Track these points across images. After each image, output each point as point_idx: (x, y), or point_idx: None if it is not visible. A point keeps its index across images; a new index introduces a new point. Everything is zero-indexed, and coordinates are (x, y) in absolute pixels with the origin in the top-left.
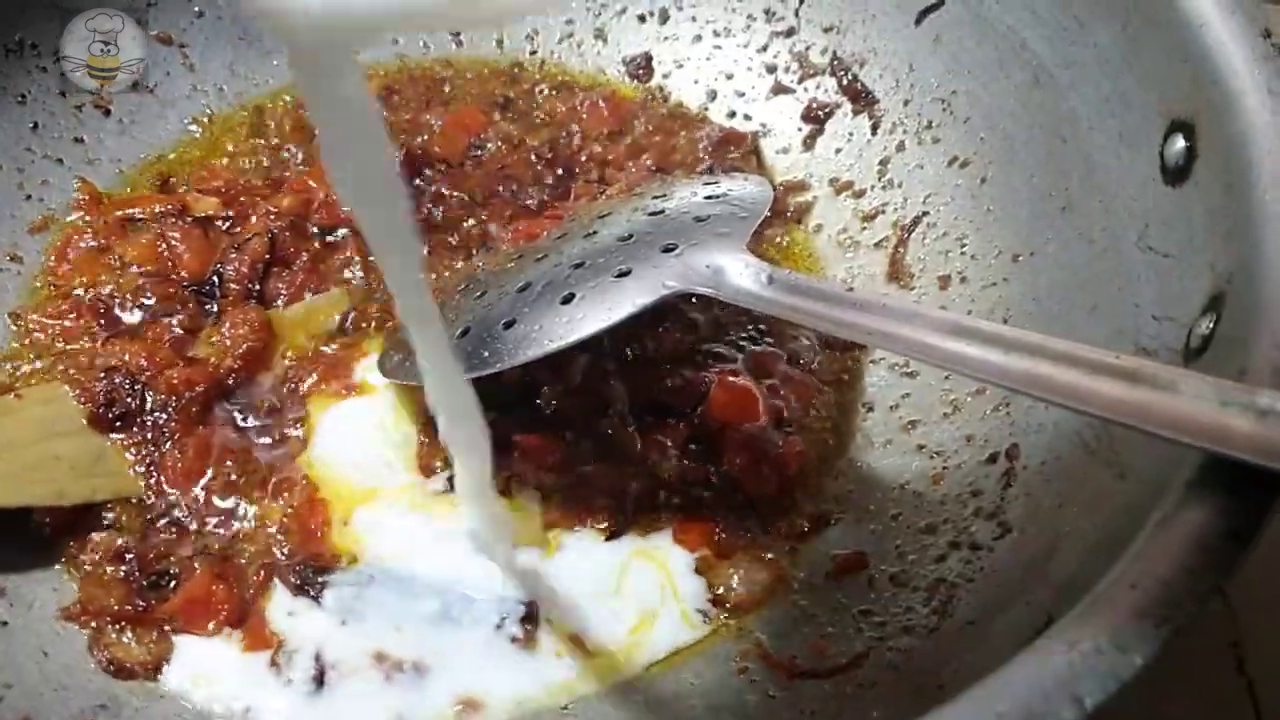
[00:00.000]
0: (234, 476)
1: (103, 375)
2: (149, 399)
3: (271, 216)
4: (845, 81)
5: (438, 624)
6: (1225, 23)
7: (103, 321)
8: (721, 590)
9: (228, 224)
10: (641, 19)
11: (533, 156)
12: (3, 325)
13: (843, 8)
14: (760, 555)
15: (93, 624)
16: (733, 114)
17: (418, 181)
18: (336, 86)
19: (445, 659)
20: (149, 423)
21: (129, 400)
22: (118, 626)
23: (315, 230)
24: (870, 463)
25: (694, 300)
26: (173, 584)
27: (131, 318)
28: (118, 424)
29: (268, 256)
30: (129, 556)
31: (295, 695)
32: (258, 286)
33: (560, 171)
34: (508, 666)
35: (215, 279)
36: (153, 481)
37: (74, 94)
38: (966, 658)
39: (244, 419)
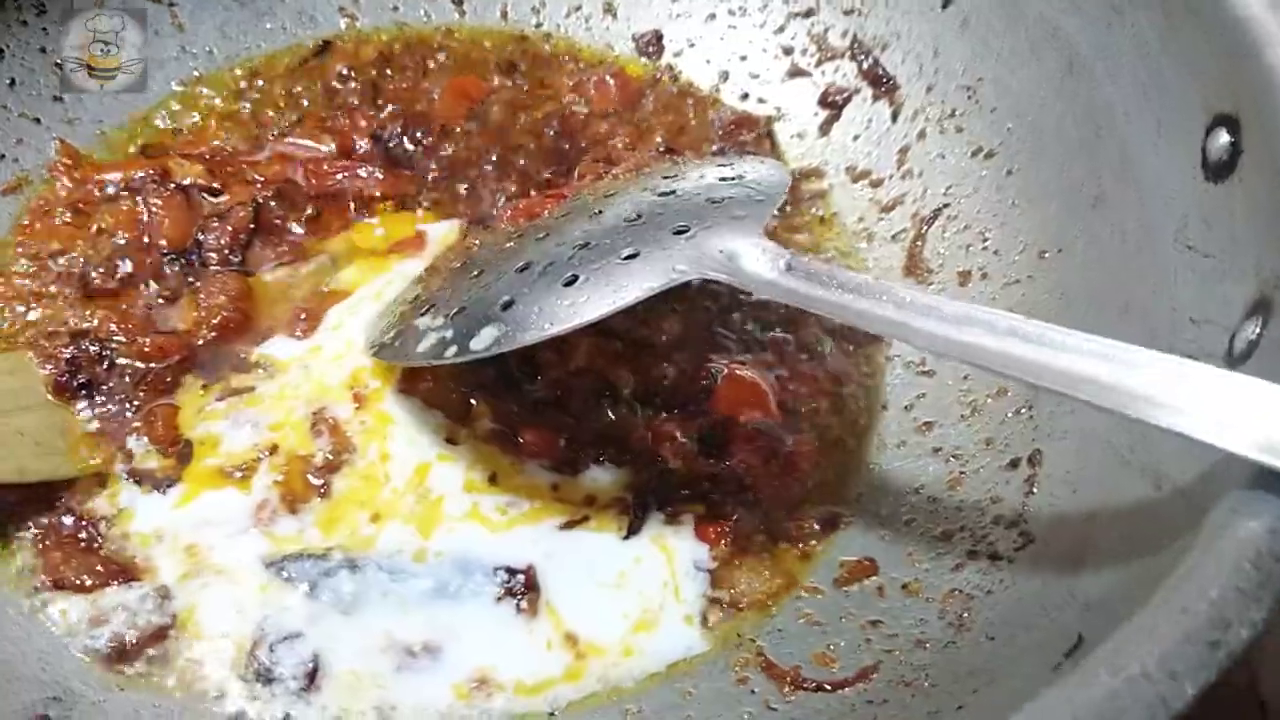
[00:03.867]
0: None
1: (69, 340)
2: (117, 365)
3: (257, 185)
4: (865, 66)
5: (436, 601)
6: (1273, 11)
7: (76, 287)
8: (727, 592)
9: (212, 191)
10: None
11: (542, 124)
12: None
13: None
14: (768, 557)
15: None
16: (746, 96)
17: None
18: None
19: (454, 636)
20: (115, 391)
21: (95, 367)
22: None
23: (304, 197)
24: (883, 464)
25: (704, 285)
26: None
27: (107, 285)
28: (82, 392)
29: (251, 226)
30: (84, 531)
31: (283, 694)
32: (239, 257)
33: (566, 145)
34: (514, 642)
35: (196, 247)
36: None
37: (55, 50)
38: (988, 677)
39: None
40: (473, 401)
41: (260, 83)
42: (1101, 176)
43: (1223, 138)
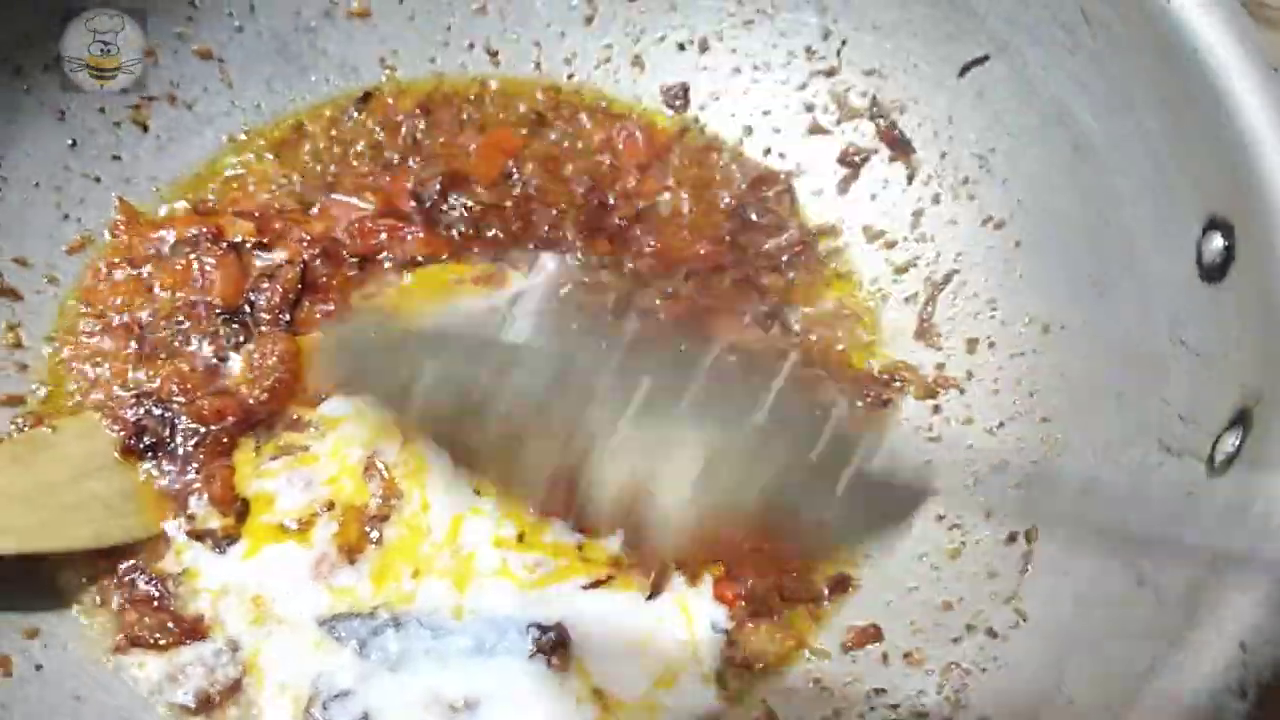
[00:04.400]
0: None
1: (134, 401)
2: (179, 427)
3: (304, 243)
4: (883, 127)
5: (474, 658)
6: (1275, 134)
7: (136, 346)
8: (742, 652)
9: (261, 249)
10: (681, 47)
11: (574, 189)
12: (38, 352)
13: (885, 52)
14: (781, 618)
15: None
16: (768, 151)
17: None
18: None
19: (492, 691)
20: (177, 452)
21: (160, 429)
22: None
23: (348, 256)
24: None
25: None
26: None
27: (165, 345)
28: (148, 454)
29: (300, 286)
30: (155, 589)
31: None
32: (289, 316)
33: (597, 201)
34: (546, 696)
35: (248, 307)
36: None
37: (112, 110)
38: None
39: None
40: None
41: (305, 136)
42: (1104, 260)
43: (1217, 241)
